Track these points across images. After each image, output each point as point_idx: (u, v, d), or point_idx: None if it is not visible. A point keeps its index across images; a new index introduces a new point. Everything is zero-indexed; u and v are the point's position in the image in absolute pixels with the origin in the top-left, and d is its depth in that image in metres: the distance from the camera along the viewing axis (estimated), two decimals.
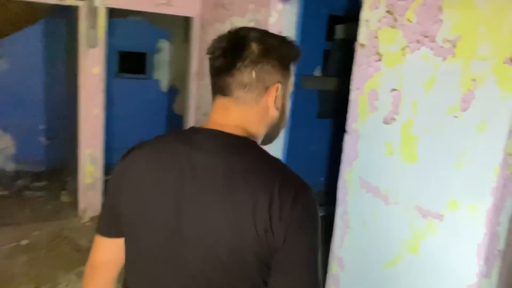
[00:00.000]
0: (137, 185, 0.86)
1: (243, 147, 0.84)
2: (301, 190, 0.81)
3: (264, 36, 0.88)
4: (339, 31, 4.09)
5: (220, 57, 0.85)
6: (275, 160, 0.86)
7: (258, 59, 0.84)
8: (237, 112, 0.87)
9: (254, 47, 0.84)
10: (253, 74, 0.84)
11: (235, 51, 0.84)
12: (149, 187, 0.85)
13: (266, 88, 0.86)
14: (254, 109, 0.87)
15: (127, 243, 0.90)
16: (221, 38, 0.87)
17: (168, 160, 0.84)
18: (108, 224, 0.93)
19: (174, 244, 0.82)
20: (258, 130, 0.90)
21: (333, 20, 4.01)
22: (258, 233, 0.77)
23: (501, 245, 1.44)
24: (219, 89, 0.88)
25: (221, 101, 0.88)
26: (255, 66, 0.84)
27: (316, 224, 0.82)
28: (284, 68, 0.89)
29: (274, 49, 0.86)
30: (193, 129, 0.89)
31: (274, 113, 0.90)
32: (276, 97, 0.88)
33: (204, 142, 0.84)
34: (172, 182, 0.83)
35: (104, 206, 0.95)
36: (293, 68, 0.93)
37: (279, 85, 0.88)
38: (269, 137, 0.95)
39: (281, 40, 0.91)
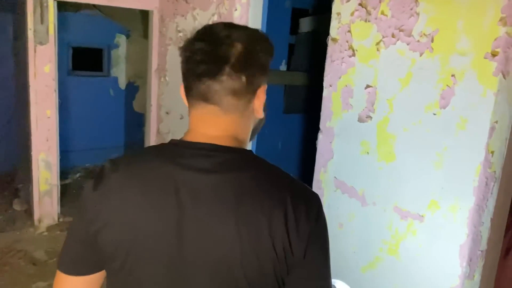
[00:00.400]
0: (125, 216, 0.75)
1: (244, 162, 0.78)
2: (312, 200, 0.77)
3: (246, 34, 0.79)
4: (304, 24, 4.02)
5: (203, 62, 0.75)
6: (278, 170, 0.80)
7: (247, 62, 0.76)
8: (228, 121, 0.79)
9: (240, 48, 0.76)
10: (243, 79, 0.76)
11: (220, 54, 0.75)
12: (140, 218, 0.74)
13: (254, 92, 0.80)
14: (244, 115, 0.80)
15: (115, 281, 0.80)
16: (198, 38, 0.78)
17: (157, 184, 0.75)
18: (76, 261, 0.81)
19: (178, 275, 0.75)
20: (246, 136, 0.84)
21: (297, 13, 3.93)
22: (277, 253, 0.73)
23: (483, 245, 1.40)
24: (202, 96, 0.77)
25: (206, 109, 0.78)
26: (244, 70, 0.76)
27: (328, 233, 0.80)
28: (267, 67, 0.82)
29: (259, 49, 0.79)
30: (175, 143, 0.79)
31: (261, 116, 0.84)
32: (263, 101, 0.83)
33: (197, 159, 0.75)
34: (168, 208, 0.74)
35: (70, 241, 0.82)
36: None
37: (265, 88, 0.82)
38: (250, 138, 0.89)
39: (261, 37, 0.82)
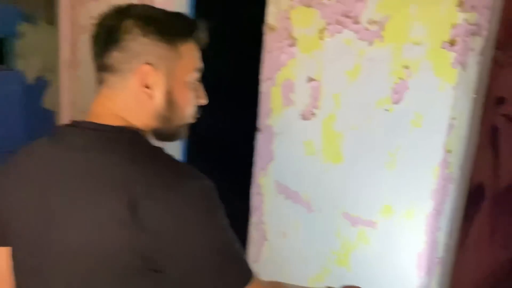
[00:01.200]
0: (7, 200, 0.81)
1: (113, 140, 0.75)
2: (177, 179, 0.71)
3: (141, 10, 0.79)
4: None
5: (91, 40, 0.79)
6: (152, 149, 0.77)
7: (122, 36, 0.75)
8: (108, 98, 0.79)
9: (123, 23, 0.76)
10: (115, 54, 0.76)
11: (103, 31, 0.78)
12: (16, 201, 0.79)
13: (131, 69, 0.77)
14: (123, 94, 0.78)
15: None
16: (98, 19, 0.80)
17: (36, 166, 0.78)
18: None
19: (42, 257, 0.76)
20: (141, 121, 0.79)
21: None
22: (128, 239, 0.67)
23: (440, 252, 1.30)
24: (96, 76, 0.81)
25: (98, 89, 0.81)
26: (116, 45, 0.75)
27: (204, 213, 0.71)
28: (165, 45, 0.76)
29: (148, 23, 0.76)
30: (68, 124, 0.80)
31: (146, 101, 0.78)
32: (150, 81, 0.76)
33: (73, 138, 0.77)
34: (39, 190, 0.76)
35: None
36: (191, 49, 0.81)
37: (149, 67, 0.76)
38: (164, 133, 0.83)
39: (164, 13, 0.80)
